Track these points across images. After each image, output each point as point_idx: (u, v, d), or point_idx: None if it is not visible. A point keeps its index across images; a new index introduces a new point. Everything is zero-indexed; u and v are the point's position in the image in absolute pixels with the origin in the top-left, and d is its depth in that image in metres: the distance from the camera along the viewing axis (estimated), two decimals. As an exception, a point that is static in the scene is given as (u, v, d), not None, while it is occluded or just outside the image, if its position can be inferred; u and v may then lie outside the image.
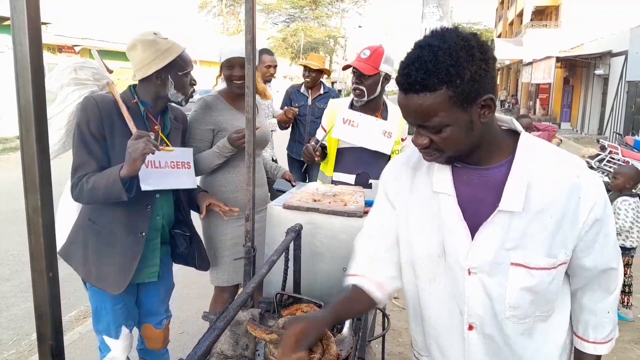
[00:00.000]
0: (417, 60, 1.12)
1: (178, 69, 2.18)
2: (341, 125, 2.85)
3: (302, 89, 4.91)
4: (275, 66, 4.67)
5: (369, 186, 2.86)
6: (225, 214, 2.51)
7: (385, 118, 2.88)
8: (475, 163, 1.27)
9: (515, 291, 1.25)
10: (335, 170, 2.94)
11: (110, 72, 2.39)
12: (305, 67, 4.78)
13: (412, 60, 1.14)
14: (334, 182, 2.93)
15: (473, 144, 1.21)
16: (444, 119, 1.14)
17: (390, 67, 2.82)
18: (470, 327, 1.32)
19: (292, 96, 4.95)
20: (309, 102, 4.73)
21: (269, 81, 4.65)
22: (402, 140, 2.96)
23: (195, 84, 2.30)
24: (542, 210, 1.20)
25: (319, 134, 3.12)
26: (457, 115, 1.14)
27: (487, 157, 1.26)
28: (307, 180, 4.15)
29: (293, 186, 2.85)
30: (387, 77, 2.82)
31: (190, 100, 2.35)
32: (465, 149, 1.22)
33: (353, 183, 2.88)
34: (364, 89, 2.76)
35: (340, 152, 2.93)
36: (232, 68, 2.63)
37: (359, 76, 2.76)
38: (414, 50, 1.15)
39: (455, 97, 1.11)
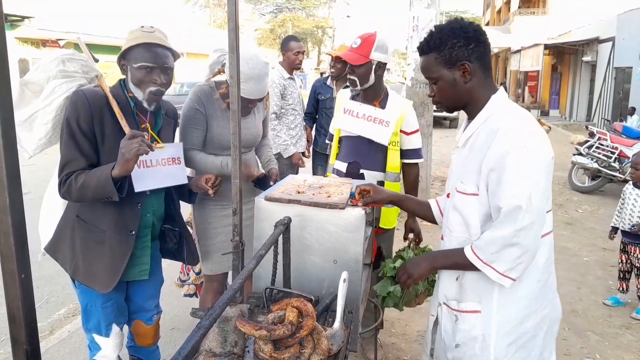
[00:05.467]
0: (428, 35, 1.71)
1: (134, 60, 2.05)
2: (342, 115, 2.87)
3: (328, 81, 4.93)
4: (303, 52, 4.75)
5: (361, 176, 2.84)
6: (210, 191, 2.40)
7: (383, 107, 2.82)
8: (471, 117, 1.73)
9: (451, 212, 1.75)
10: (336, 158, 3.00)
11: (96, 61, 2.31)
12: (332, 58, 4.79)
13: (428, 34, 1.71)
14: (333, 170, 2.99)
15: (461, 100, 1.71)
16: (433, 74, 1.70)
17: (384, 54, 2.75)
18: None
19: (318, 89, 4.99)
20: (334, 94, 4.73)
21: (298, 68, 4.73)
22: (406, 134, 2.84)
23: (157, 84, 2.07)
24: (472, 150, 1.66)
25: (332, 126, 3.12)
26: (443, 72, 1.68)
27: (473, 113, 1.71)
28: None
29: (270, 185, 2.72)
30: (380, 65, 2.76)
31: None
32: (455, 103, 1.74)
33: (344, 171, 2.89)
34: (356, 78, 2.74)
35: (341, 140, 2.98)
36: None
37: (350, 66, 2.74)
38: (433, 28, 1.71)
39: (440, 59, 1.67)
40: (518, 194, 1.50)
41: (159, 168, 2.17)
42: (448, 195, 1.80)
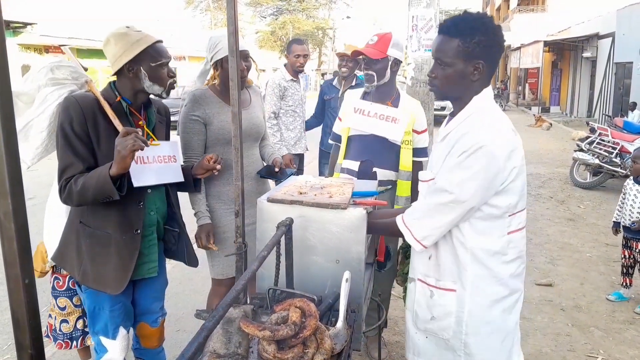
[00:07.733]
0: (458, 17, 1.68)
1: (150, 60, 2.10)
2: (352, 114, 2.93)
3: (335, 82, 4.98)
4: (306, 55, 4.73)
5: (374, 174, 2.88)
6: (218, 167, 2.35)
7: (395, 106, 2.89)
8: (456, 111, 1.78)
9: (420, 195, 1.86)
10: (345, 157, 3.02)
11: (85, 69, 2.32)
12: (342, 57, 4.78)
13: (457, 16, 1.69)
14: (342, 169, 3.00)
15: (459, 92, 1.74)
16: (448, 59, 1.68)
17: (400, 52, 2.85)
18: None
19: (324, 90, 5.04)
20: (340, 94, 4.75)
21: (300, 72, 4.75)
22: (417, 132, 2.94)
23: (174, 76, 2.21)
24: (447, 145, 1.71)
25: (336, 126, 3.16)
26: (457, 62, 1.67)
27: (459, 107, 1.76)
28: None
29: (277, 172, 2.82)
30: (396, 62, 2.86)
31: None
32: (453, 93, 1.75)
33: (357, 170, 2.92)
34: (374, 73, 2.83)
35: (350, 139, 3.01)
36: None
37: (367, 62, 2.83)
38: (463, 13, 1.72)
39: (461, 47, 1.64)
40: (450, 179, 1.65)
41: (155, 165, 2.18)
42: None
